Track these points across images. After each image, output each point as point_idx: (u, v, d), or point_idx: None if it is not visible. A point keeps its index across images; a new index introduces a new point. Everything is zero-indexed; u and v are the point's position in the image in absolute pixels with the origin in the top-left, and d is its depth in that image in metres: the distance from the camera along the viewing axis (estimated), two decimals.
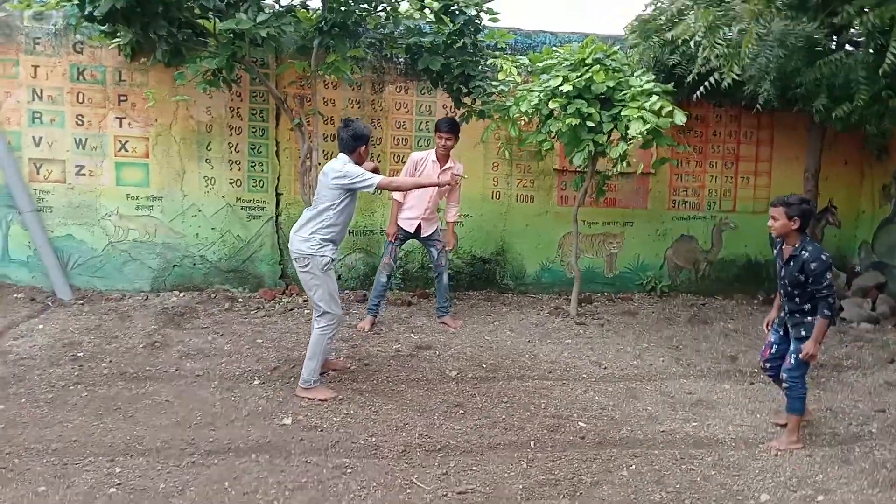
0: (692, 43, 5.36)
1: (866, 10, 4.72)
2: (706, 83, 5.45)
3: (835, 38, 5.40)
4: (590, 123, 5.84)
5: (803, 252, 3.94)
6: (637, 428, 4.35)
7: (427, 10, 6.39)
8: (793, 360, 4.06)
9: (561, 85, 5.86)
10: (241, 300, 6.66)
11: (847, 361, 5.70)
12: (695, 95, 5.63)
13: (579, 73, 5.91)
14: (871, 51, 5.26)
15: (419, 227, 6.07)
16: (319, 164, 6.98)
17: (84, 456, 3.58)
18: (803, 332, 4.04)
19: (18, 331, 5.48)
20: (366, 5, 6.03)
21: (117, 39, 6.07)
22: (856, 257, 8.04)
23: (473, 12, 6.27)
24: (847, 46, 5.90)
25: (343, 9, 5.86)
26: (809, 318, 4.02)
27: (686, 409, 4.69)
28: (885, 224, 7.69)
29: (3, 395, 4.29)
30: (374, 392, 4.67)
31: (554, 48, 6.43)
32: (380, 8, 6.20)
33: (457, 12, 6.11)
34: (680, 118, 5.61)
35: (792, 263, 4.00)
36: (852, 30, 4.83)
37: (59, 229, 6.62)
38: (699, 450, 4.09)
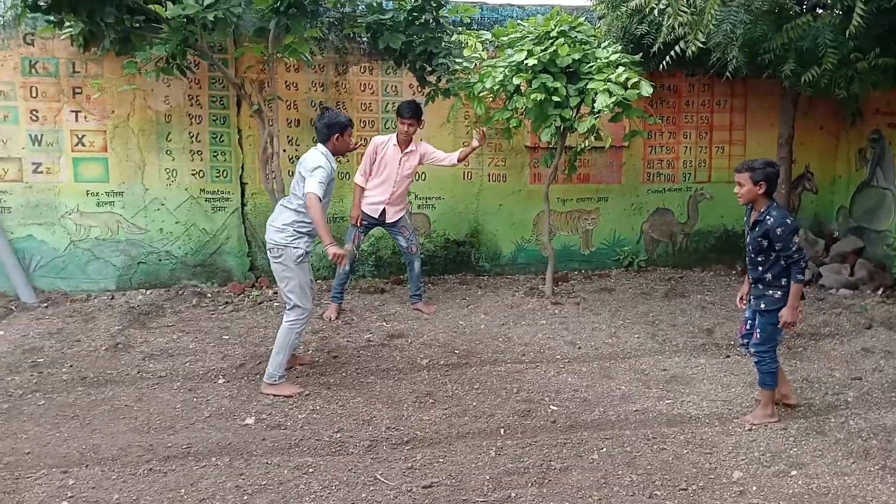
0: (655, 11, 5.21)
1: None
2: (672, 52, 5.30)
3: (803, 1, 5.26)
4: (556, 98, 5.70)
5: (768, 218, 3.81)
6: (609, 408, 4.27)
7: None
8: (759, 335, 3.99)
9: (525, 59, 5.71)
10: (209, 295, 6.51)
11: (824, 329, 5.65)
12: (661, 65, 5.49)
13: (544, 47, 5.76)
14: (838, 12, 5.14)
15: (384, 212, 5.93)
16: (284, 150, 6.84)
17: (37, 468, 3.45)
18: (762, 305, 3.96)
19: None
20: None
21: (68, 29, 5.83)
22: (834, 223, 7.98)
23: None
24: (819, 10, 5.77)
25: None
26: (770, 291, 3.93)
27: (660, 386, 4.61)
28: (861, 188, 7.62)
29: None
30: (342, 385, 4.56)
31: (519, 21, 6.27)
32: None
33: None
34: (646, 89, 5.48)
35: (757, 228, 3.87)
36: None
37: (19, 230, 6.42)
38: (672, 428, 4.01)
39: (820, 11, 5.29)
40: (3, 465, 3.47)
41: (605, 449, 3.76)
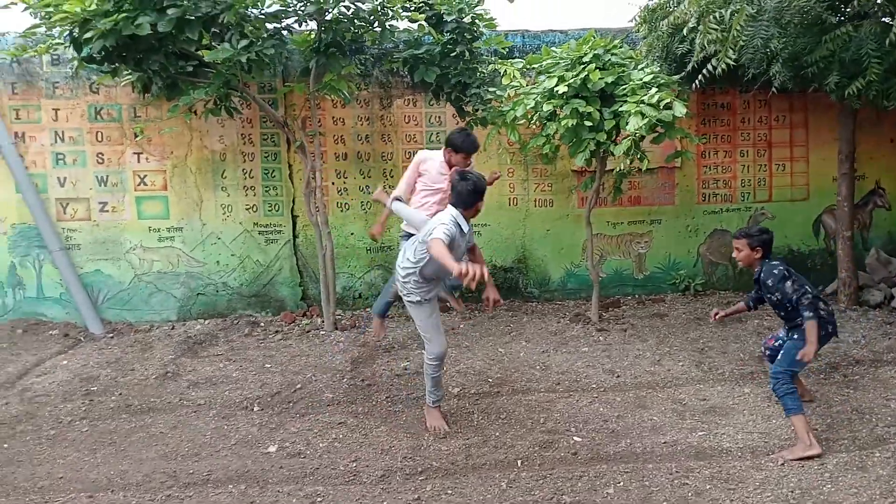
0: (685, 30, 5.09)
1: None
2: (705, 70, 5.15)
3: (843, 10, 5.00)
4: (588, 123, 5.63)
5: (761, 274, 4.12)
6: (637, 440, 4.12)
7: (423, 22, 6.32)
8: (782, 356, 4.03)
9: (556, 86, 5.68)
10: (262, 324, 6.73)
11: (888, 356, 5.26)
12: (693, 84, 5.34)
13: (576, 72, 5.72)
14: (885, 20, 4.87)
15: None
16: (333, 182, 7.05)
17: (66, 493, 3.66)
18: (795, 336, 4.06)
19: (44, 367, 5.70)
20: (360, 22, 6.03)
21: (128, 77, 6.24)
22: None
23: (468, 20, 6.19)
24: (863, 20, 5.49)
25: (335, 28, 5.89)
26: (803, 324, 3.98)
27: (696, 417, 4.42)
28: None
29: (11, 432, 4.45)
30: (369, 414, 4.61)
31: (552, 48, 6.26)
32: (376, 24, 6.19)
33: (445, 20, 6.02)
34: (679, 110, 5.33)
35: (760, 287, 4.17)
36: (854, 1, 4.47)
37: (88, 265, 6.87)
38: (699, 462, 3.83)
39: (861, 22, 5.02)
40: (37, 489, 3.70)
41: (622, 483, 3.63)
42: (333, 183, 7.10)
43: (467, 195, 4.10)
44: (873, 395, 4.60)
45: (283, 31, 5.97)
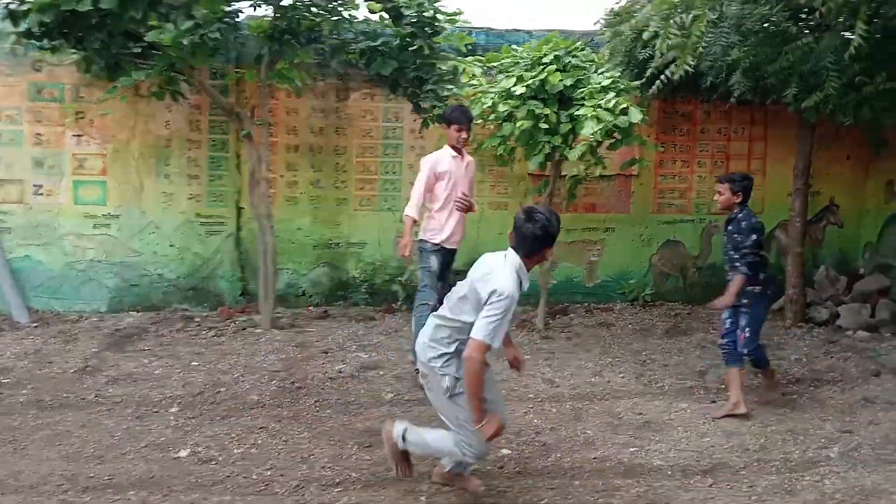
0: (644, 35, 4.96)
1: None
2: (663, 76, 5.02)
3: (801, 21, 4.92)
4: (545, 125, 5.49)
5: (739, 214, 4.40)
6: (566, 455, 3.98)
7: (384, 13, 6.13)
8: (747, 334, 4.38)
9: (514, 86, 5.53)
10: (197, 320, 6.46)
11: (828, 375, 5.21)
12: (651, 90, 5.21)
13: (534, 73, 5.58)
14: (844, 34, 4.79)
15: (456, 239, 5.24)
16: (282, 175, 6.80)
17: None
18: (744, 300, 4.37)
19: None
20: (316, 10, 5.83)
21: (73, 55, 5.94)
22: (860, 259, 7.45)
23: (430, 13, 6.01)
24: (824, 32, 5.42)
25: (290, 14, 5.68)
26: (749, 288, 4.35)
27: (630, 432, 4.29)
28: (890, 222, 7.11)
29: None
30: (294, 419, 4.39)
31: (513, 47, 6.11)
32: (334, 14, 5.98)
33: (403, 13, 5.84)
34: (635, 116, 5.22)
35: (730, 227, 4.43)
36: (816, 12, 4.39)
37: (18, 250, 6.54)
38: (627, 479, 3.70)
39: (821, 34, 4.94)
40: None
41: (546, 500, 3.48)
42: (283, 175, 6.87)
43: (532, 241, 3.10)
44: (810, 415, 4.52)
45: (233, 15, 5.74)
